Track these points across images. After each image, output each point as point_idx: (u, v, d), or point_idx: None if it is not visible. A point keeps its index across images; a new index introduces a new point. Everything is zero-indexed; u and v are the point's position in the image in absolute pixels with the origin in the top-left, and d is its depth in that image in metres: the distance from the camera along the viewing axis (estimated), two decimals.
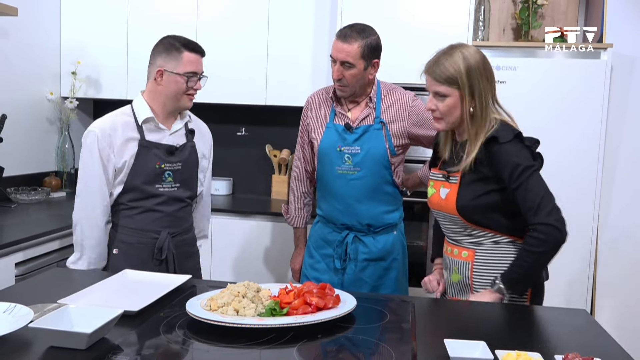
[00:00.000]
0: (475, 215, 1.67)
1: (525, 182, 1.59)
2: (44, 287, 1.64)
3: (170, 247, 2.03)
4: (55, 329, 1.15)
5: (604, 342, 1.34)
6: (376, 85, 2.15)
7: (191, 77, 1.97)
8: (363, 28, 2.04)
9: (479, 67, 1.65)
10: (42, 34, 3.23)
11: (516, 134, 1.64)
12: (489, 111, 1.67)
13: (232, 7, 3.24)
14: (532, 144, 1.66)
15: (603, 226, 3.05)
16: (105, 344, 1.19)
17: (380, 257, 2.16)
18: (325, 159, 2.16)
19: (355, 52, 2.00)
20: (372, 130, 2.11)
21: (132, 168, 1.96)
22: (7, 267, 2.09)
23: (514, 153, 1.61)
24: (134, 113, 2.00)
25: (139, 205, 2.00)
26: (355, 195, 2.12)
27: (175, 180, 2.04)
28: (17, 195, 2.88)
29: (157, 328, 1.31)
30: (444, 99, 1.67)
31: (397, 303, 1.58)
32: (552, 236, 1.56)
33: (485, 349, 1.17)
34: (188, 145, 2.08)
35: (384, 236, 2.17)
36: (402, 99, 2.14)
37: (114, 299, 1.47)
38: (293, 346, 1.22)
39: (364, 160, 2.10)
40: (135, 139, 1.97)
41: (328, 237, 2.20)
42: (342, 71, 2.03)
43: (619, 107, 3.05)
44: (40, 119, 3.25)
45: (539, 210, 1.57)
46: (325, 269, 2.20)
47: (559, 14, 3.27)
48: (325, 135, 2.16)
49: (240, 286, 1.41)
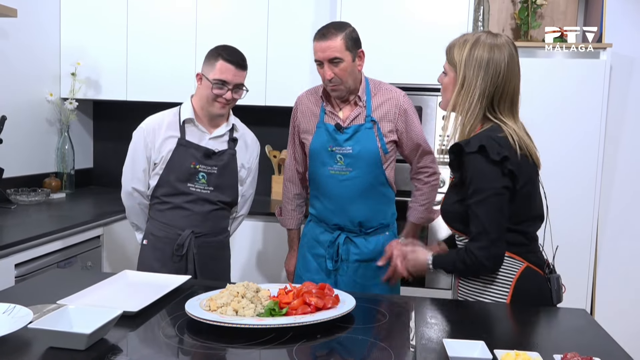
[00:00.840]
0: (452, 221, 1.65)
1: (474, 205, 1.53)
2: (43, 287, 1.64)
3: (191, 246, 2.08)
4: (54, 329, 1.15)
5: (603, 341, 1.34)
6: (364, 83, 2.13)
7: (219, 85, 2.01)
8: (339, 23, 2.05)
9: (481, 60, 1.56)
10: (42, 35, 3.23)
11: (480, 145, 1.51)
12: (476, 109, 1.57)
13: (231, 8, 3.24)
14: (499, 158, 1.51)
15: (603, 226, 3.05)
16: (104, 344, 1.19)
17: (372, 258, 2.12)
18: (317, 159, 2.14)
19: (340, 45, 1.99)
20: (363, 129, 2.09)
21: (167, 163, 2.07)
22: (7, 268, 2.09)
23: (473, 168, 1.54)
24: (180, 114, 2.12)
25: (170, 201, 2.10)
26: (347, 196, 2.10)
27: (209, 183, 2.11)
28: (17, 196, 2.88)
29: (157, 328, 1.31)
30: (445, 76, 1.66)
31: (397, 303, 1.58)
32: (475, 267, 1.56)
33: (484, 349, 1.17)
34: (228, 152, 2.14)
35: (376, 237, 2.15)
36: (393, 97, 2.13)
37: (113, 299, 1.47)
38: (292, 346, 1.22)
39: (356, 161, 2.08)
40: (176, 137, 2.08)
41: (320, 238, 2.19)
42: (331, 69, 2.01)
43: (618, 107, 3.06)
44: (40, 120, 3.25)
45: (474, 240, 1.54)
46: (317, 269, 2.18)
47: (559, 13, 3.27)
48: (316, 136, 2.14)
49: (240, 286, 1.41)
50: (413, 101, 2.89)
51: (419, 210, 2.23)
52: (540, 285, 1.60)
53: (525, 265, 1.58)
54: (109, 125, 3.76)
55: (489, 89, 1.58)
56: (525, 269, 1.58)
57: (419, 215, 2.23)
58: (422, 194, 2.24)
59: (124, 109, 3.63)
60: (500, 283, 1.58)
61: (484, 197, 1.52)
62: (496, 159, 1.51)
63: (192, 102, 2.13)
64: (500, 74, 1.57)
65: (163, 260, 2.09)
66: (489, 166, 1.52)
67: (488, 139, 1.53)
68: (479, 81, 1.57)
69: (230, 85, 2.03)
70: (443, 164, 2.88)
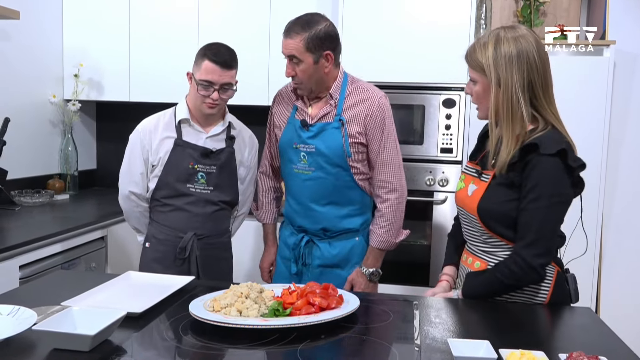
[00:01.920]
0: (493, 220, 1.56)
1: (535, 210, 1.47)
2: (48, 289, 1.64)
3: (194, 248, 2.07)
4: (58, 331, 1.15)
5: (609, 340, 1.33)
6: (341, 80, 1.99)
7: (205, 85, 1.98)
8: (308, 20, 1.90)
9: (510, 55, 1.51)
10: (45, 37, 3.24)
11: (561, 149, 1.46)
12: (519, 107, 1.52)
13: (233, 8, 3.24)
14: (576, 165, 1.48)
15: (607, 224, 3.04)
16: (108, 345, 1.19)
17: (335, 264, 2.03)
18: (284, 156, 2.06)
19: (299, 46, 1.86)
20: (329, 128, 1.96)
21: (165, 165, 2.06)
22: (11, 270, 2.09)
23: (547, 172, 1.47)
24: (175, 114, 2.10)
25: (170, 203, 2.09)
26: (309, 196, 2.00)
27: (209, 183, 2.08)
28: (20, 197, 2.88)
29: (161, 329, 1.31)
30: (475, 85, 1.59)
31: (400, 303, 1.58)
32: (527, 277, 1.51)
33: (489, 348, 1.16)
34: (226, 151, 2.12)
35: (341, 242, 2.02)
36: (368, 98, 1.97)
37: (117, 300, 1.47)
38: (296, 346, 1.21)
39: (317, 160, 1.97)
40: (172, 137, 2.07)
41: (287, 240, 2.11)
42: (292, 67, 1.91)
43: (622, 104, 3.04)
44: (43, 122, 3.26)
45: (531, 246, 1.48)
46: (285, 273, 2.09)
47: (561, 11, 3.25)
48: (285, 131, 2.05)
49: (244, 287, 1.41)
50: (416, 100, 2.92)
51: (378, 234, 2.00)
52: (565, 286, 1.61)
53: (557, 269, 1.59)
54: (112, 126, 3.76)
55: (527, 80, 1.52)
56: (558, 273, 1.58)
57: (379, 239, 2.00)
58: (381, 215, 2.01)
59: (126, 110, 3.63)
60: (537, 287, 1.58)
61: (551, 203, 1.47)
62: (573, 165, 1.47)
63: (186, 101, 2.10)
64: (534, 63, 1.52)
65: (166, 263, 2.07)
66: (563, 172, 1.48)
67: (564, 142, 1.48)
68: (514, 76, 1.51)
69: (216, 86, 1.98)
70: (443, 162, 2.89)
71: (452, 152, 2.87)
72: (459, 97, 2.85)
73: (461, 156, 2.86)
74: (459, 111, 2.85)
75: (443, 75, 2.86)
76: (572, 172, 1.50)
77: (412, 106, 2.90)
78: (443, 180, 2.89)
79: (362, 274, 2.01)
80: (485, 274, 1.58)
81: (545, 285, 1.57)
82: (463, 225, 1.71)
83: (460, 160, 2.87)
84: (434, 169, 2.89)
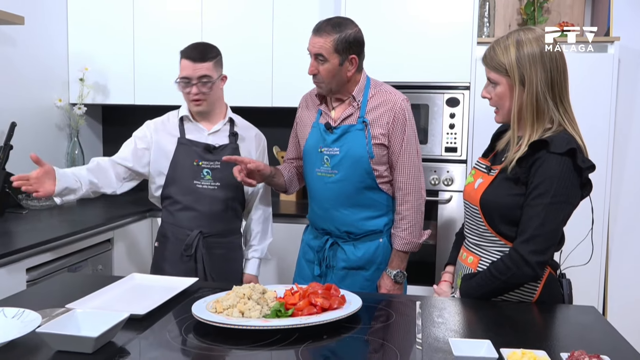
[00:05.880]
0: (494, 213, 1.57)
1: (539, 206, 1.47)
2: (53, 292, 1.66)
3: (200, 246, 2.11)
4: (62, 333, 1.16)
5: (612, 339, 1.33)
6: (364, 83, 2.03)
7: (184, 82, 2.08)
8: (340, 22, 1.95)
9: (533, 54, 1.52)
10: (50, 42, 3.26)
11: (570, 149, 1.47)
12: (546, 106, 1.53)
13: (236, 11, 3.26)
14: (585, 166, 1.49)
15: (613, 221, 3.03)
16: (111, 347, 1.20)
17: (360, 266, 2.04)
18: (308, 160, 2.09)
19: (328, 46, 1.91)
20: (353, 130, 1.98)
21: (171, 163, 2.13)
22: (18, 273, 2.11)
23: (554, 170, 1.47)
24: (178, 114, 2.18)
25: (178, 201, 2.14)
26: (332, 200, 2.01)
27: (215, 179, 2.13)
28: (28, 201, 2.91)
29: (164, 331, 1.32)
30: (495, 87, 1.59)
31: (403, 302, 1.58)
32: (521, 273, 1.50)
33: (490, 348, 1.16)
34: (230, 147, 2.16)
35: (366, 244, 2.04)
36: (391, 100, 2.00)
37: (121, 302, 1.48)
38: (298, 347, 1.22)
39: (341, 163, 1.98)
40: (176, 136, 2.15)
41: (311, 243, 2.13)
42: (316, 66, 1.94)
43: (627, 100, 3.03)
44: (50, 126, 3.29)
45: (529, 242, 1.48)
46: (309, 275, 2.11)
47: (565, 7, 3.24)
48: (310, 136, 2.08)
49: (246, 288, 1.41)
50: (420, 100, 2.92)
51: (401, 237, 2.02)
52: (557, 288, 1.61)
53: (549, 270, 1.58)
54: (117, 129, 3.78)
55: (550, 79, 1.53)
56: (549, 274, 1.58)
57: (403, 241, 2.02)
58: (401, 218, 2.02)
59: (132, 112, 3.65)
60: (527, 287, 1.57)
61: (557, 202, 1.47)
62: (582, 166, 1.48)
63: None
64: (555, 62, 1.54)
65: (173, 261, 2.13)
66: (572, 172, 1.48)
67: (574, 142, 1.49)
68: (539, 75, 1.52)
69: (193, 80, 2.05)
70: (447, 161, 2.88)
71: (457, 151, 2.87)
72: (462, 96, 2.84)
73: (466, 155, 2.86)
74: (463, 110, 2.84)
75: (446, 75, 2.86)
76: (580, 173, 1.50)
77: (416, 105, 2.89)
78: (448, 179, 2.88)
79: (387, 276, 2.03)
80: (481, 273, 1.59)
81: (534, 283, 1.56)
82: (465, 219, 1.72)
83: (465, 160, 2.86)
84: (438, 168, 2.89)
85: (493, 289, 1.56)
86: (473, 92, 2.82)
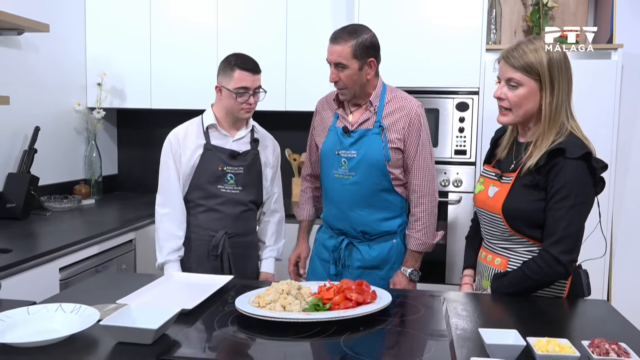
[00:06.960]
0: (518, 220, 1.65)
1: (565, 209, 1.56)
2: (94, 290, 1.75)
3: (225, 246, 2.21)
4: (124, 325, 1.26)
5: (626, 329, 1.43)
6: (380, 89, 2.12)
7: (241, 93, 2.14)
8: (355, 29, 2.04)
9: (561, 61, 1.59)
10: (69, 48, 3.35)
11: (585, 153, 1.56)
12: (563, 114, 1.60)
13: (251, 16, 3.35)
14: (599, 167, 1.58)
15: (617, 224, 3.11)
16: (166, 339, 1.29)
17: (375, 266, 2.12)
18: (325, 162, 2.17)
19: (347, 53, 1.99)
20: (370, 134, 2.07)
21: (197, 168, 2.20)
22: (52, 272, 2.20)
23: (572, 175, 1.56)
24: (203, 121, 2.24)
25: (202, 204, 2.22)
26: (349, 201, 2.10)
27: (237, 183, 2.23)
28: (50, 203, 2.99)
29: (212, 324, 1.41)
30: (516, 88, 1.61)
31: (428, 298, 1.67)
32: (554, 272, 1.59)
33: (518, 336, 1.25)
34: (251, 152, 2.27)
35: (380, 244, 2.12)
36: (406, 106, 2.09)
37: (165, 298, 1.58)
38: (339, 338, 1.31)
39: (359, 165, 2.07)
40: (202, 143, 2.21)
41: (326, 243, 2.21)
42: (337, 74, 2.02)
43: (630, 107, 3.09)
44: (69, 130, 3.38)
45: (559, 243, 1.57)
46: (323, 274, 2.19)
47: (569, 15, 3.35)
48: (327, 139, 2.17)
49: (284, 284, 1.51)
50: (431, 104, 3.01)
51: (416, 237, 2.10)
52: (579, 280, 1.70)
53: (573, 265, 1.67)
54: (133, 133, 3.88)
55: (569, 87, 1.61)
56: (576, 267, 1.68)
57: (417, 242, 2.10)
58: (416, 219, 2.11)
59: (147, 116, 3.75)
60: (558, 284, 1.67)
61: (578, 203, 1.56)
62: (596, 166, 1.57)
63: (213, 110, 2.25)
64: (570, 70, 1.63)
65: (199, 260, 2.22)
66: (587, 174, 1.57)
67: (585, 145, 1.58)
68: (564, 81, 1.60)
69: (250, 91, 2.15)
70: (457, 163, 2.98)
71: (466, 154, 2.97)
72: (471, 101, 2.94)
73: (474, 157, 2.96)
74: (472, 114, 2.94)
75: (456, 80, 2.95)
76: (594, 173, 1.59)
77: (427, 110, 2.98)
78: (457, 181, 2.98)
79: (402, 274, 2.12)
80: (513, 272, 1.67)
81: (564, 280, 1.67)
82: (483, 226, 1.80)
83: (473, 162, 2.96)
84: (448, 170, 2.99)
85: (526, 287, 1.65)
86: (482, 97, 2.92)
